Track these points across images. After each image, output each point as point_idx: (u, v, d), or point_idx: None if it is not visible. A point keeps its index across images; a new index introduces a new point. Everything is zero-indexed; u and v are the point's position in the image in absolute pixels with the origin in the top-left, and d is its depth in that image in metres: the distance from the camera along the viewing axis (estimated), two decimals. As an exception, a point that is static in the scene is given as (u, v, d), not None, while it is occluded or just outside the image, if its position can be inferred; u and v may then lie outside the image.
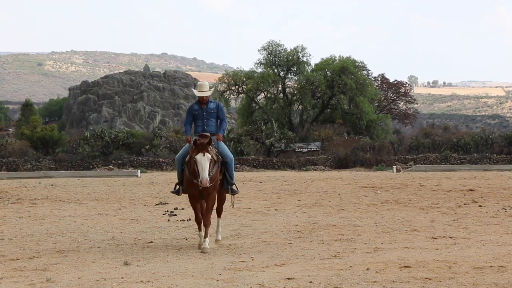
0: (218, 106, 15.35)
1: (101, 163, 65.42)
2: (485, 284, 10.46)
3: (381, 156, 67.11)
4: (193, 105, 15.41)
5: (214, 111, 15.23)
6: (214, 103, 15.35)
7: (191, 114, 15.26)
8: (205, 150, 14.15)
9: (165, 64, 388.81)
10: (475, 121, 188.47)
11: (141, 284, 10.95)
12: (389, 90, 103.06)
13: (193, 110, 15.29)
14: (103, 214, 23.19)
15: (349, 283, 10.67)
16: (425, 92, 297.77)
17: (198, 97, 15.22)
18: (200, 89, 15.23)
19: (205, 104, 15.20)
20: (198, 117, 15.16)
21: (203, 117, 15.11)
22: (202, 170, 14.03)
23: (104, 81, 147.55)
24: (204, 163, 14.04)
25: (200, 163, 14.06)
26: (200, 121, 15.14)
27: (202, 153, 14.11)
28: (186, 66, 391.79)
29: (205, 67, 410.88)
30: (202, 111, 15.15)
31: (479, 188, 32.05)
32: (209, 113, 15.16)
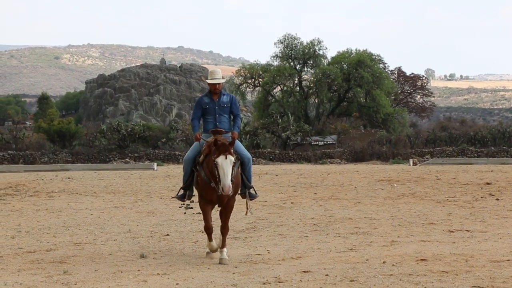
0: (232, 99, 13.29)
1: (117, 156, 65.56)
2: (502, 277, 10.43)
3: (397, 150, 66.92)
4: (203, 97, 13.29)
5: (227, 105, 13.11)
6: (228, 96, 13.29)
7: (200, 108, 13.11)
8: (228, 152, 12.09)
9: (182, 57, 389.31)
10: (492, 114, 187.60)
11: (158, 277, 10.98)
12: (405, 83, 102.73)
13: (203, 103, 13.12)
14: (120, 207, 23.26)
15: (365, 276, 10.66)
16: (442, 86, 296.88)
17: (210, 88, 13.18)
18: (212, 76, 13.15)
19: (217, 96, 13.11)
20: (209, 112, 13.04)
21: (214, 112, 13.01)
22: (224, 175, 11.93)
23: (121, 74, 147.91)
24: (226, 168, 11.97)
25: (221, 168, 11.95)
26: (211, 117, 13.04)
27: (224, 156, 12.03)
28: (203, 59, 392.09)
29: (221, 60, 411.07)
30: (214, 105, 13.04)
31: (496, 182, 31.91)
32: (222, 108, 13.05)
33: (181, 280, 10.65)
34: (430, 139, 72.44)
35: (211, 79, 13.13)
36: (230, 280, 10.67)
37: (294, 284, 10.15)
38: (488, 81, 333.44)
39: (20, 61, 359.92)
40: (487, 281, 10.15)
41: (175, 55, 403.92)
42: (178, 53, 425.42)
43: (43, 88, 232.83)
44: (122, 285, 10.31)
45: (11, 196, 27.94)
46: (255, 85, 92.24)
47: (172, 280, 10.71)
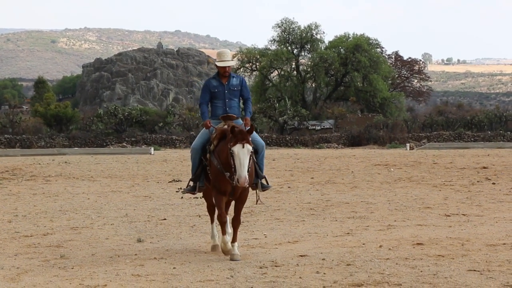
0: (242, 81, 12.25)
1: (114, 140, 65.57)
2: (498, 261, 10.45)
3: (394, 134, 67.00)
4: (211, 80, 12.19)
5: (237, 88, 12.07)
6: (238, 78, 12.24)
7: (208, 92, 12.00)
8: (245, 140, 10.94)
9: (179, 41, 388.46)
10: (489, 99, 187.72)
11: (155, 261, 11.00)
12: (403, 68, 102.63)
13: (211, 86, 12.02)
14: (117, 191, 23.27)
15: (362, 260, 10.68)
16: (439, 70, 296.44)
17: (218, 70, 12.08)
18: (221, 58, 12.06)
19: (226, 79, 12.04)
20: (218, 96, 11.97)
21: (224, 96, 11.94)
22: (240, 166, 10.83)
23: (118, 58, 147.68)
24: (243, 158, 10.86)
25: (238, 157, 10.84)
26: (220, 101, 11.97)
27: (241, 144, 10.88)
28: (200, 43, 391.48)
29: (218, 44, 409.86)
30: (223, 88, 11.95)
31: (493, 166, 31.96)
32: (232, 91, 12.00)
33: (178, 264, 10.67)
34: (427, 123, 72.54)
35: (220, 61, 12.05)
36: (227, 264, 10.69)
37: (290, 268, 10.17)
38: (485, 65, 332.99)
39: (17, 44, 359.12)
40: (483, 265, 10.18)
41: (172, 39, 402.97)
42: (175, 37, 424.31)
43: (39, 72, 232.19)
44: (119, 269, 10.33)
45: (8, 180, 27.94)
46: (252, 69, 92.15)
47: (169, 264, 10.73)
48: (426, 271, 9.81)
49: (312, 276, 9.63)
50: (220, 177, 11.32)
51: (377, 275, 9.64)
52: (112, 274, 10.02)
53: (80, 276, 9.92)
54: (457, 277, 9.45)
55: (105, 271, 10.25)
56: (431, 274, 9.61)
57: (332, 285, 9.15)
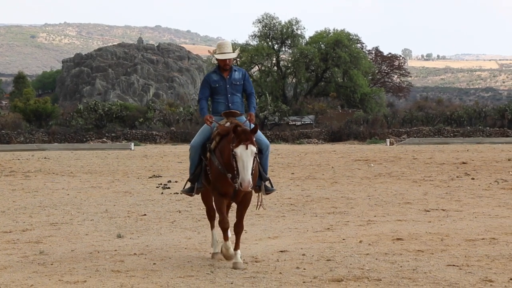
0: (245, 75, 11.32)
1: (94, 136, 65.41)
2: (477, 256, 10.51)
3: (374, 129, 67.18)
4: (211, 74, 11.25)
5: (240, 82, 11.16)
6: (240, 72, 11.30)
7: (208, 87, 11.09)
8: (249, 141, 9.97)
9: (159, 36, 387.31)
10: (468, 94, 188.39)
11: (134, 257, 10.97)
12: (383, 63, 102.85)
13: (211, 81, 11.09)
14: (97, 187, 23.20)
15: (342, 255, 10.71)
16: (419, 65, 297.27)
17: (218, 64, 11.20)
18: (221, 50, 11.13)
19: (227, 72, 11.14)
20: (219, 91, 11.07)
21: (226, 91, 11.04)
22: (243, 169, 9.85)
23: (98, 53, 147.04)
24: (246, 160, 9.88)
25: (241, 160, 9.87)
26: (221, 97, 11.06)
27: (244, 145, 9.92)
28: (180, 39, 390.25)
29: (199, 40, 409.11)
30: (225, 83, 11.05)
31: (472, 161, 32.12)
32: (234, 86, 11.10)
33: (158, 260, 10.65)
34: (407, 119, 72.79)
35: (220, 53, 11.11)
36: (207, 260, 10.69)
37: (271, 263, 10.18)
38: (464, 61, 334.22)
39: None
40: (462, 260, 10.24)
41: (152, 35, 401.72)
42: (156, 33, 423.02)
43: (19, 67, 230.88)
44: (98, 265, 10.30)
45: (-13, 176, 27.80)
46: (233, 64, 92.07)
47: (149, 260, 10.72)
48: (406, 266, 9.85)
49: (292, 271, 9.64)
50: (221, 178, 10.36)
51: (357, 270, 9.67)
52: (92, 270, 9.99)
53: (59, 272, 9.89)
54: (437, 272, 9.50)
55: (84, 267, 10.22)
56: (410, 269, 9.66)
57: (312, 280, 9.17)
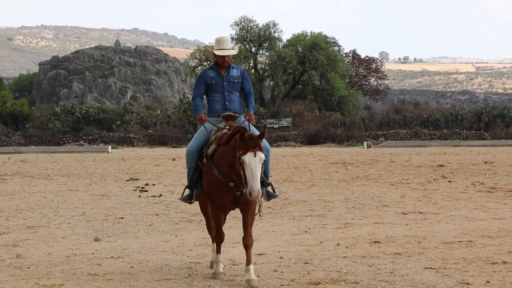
0: (243, 73, 10.62)
1: (71, 138, 65.19)
2: (454, 258, 10.55)
3: (352, 132, 67.37)
4: (207, 71, 10.59)
5: (238, 80, 10.49)
6: (238, 69, 10.60)
7: (203, 84, 10.42)
8: (257, 147, 9.20)
9: (136, 39, 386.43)
10: (445, 97, 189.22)
11: (112, 260, 10.93)
12: (360, 66, 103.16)
13: (207, 78, 10.43)
14: (74, 190, 23.10)
15: (319, 258, 10.72)
16: (396, 68, 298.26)
17: (216, 60, 10.54)
18: (220, 46, 10.46)
19: (225, 69, 10.47)
20: (216, 89, 10.39)
21: (222, 89, 10.37)
22: (252, 177, 9.06)
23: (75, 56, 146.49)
24: (255, 168, 9.11)
25: (250, 168, 9.08)
26: (218, 95, 10.39)
27: (253, 153, 9.14)
28: (157, 41, 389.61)
29: (176, 42, 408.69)
30: (222, 80, 10.39)
31: (449, 164, 32.27)
32: (232, 83, 10.44)
33: (135, 264, 10.62)
34: (384, 121, 73.04)
35: (219, 49, 10.44)
36: (185, 263, 10.67)
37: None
38: (441, 64, 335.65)
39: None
40: (439, 262, 10.27)
41: (129, 37, 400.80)
42: (133, 35, 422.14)
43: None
44: (75, 269, 10.25)
45: (-37, 179, 27.62)
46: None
47: (127, 263, 10.68)
48: (383, 269, 9.88)
49: (270, 274, 9.64)
50: (219, 187, 9.60)
51: (335, 273, 9.69)
52: (69, 273, 9.95)
53: (36, 275, 9.84)
54: (414, 275, 9.53)
55: (61, 270, 10.18)
56: (388, 272, 9.68)
57: (290, 283, 9.17)
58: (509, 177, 25.30)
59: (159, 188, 22.80)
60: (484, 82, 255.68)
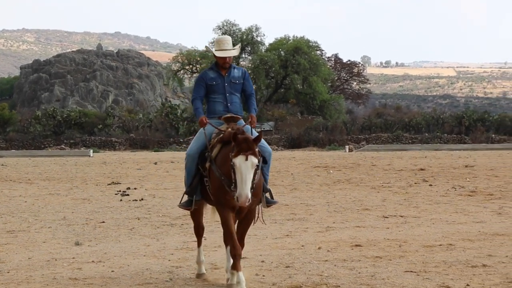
0: (245, 74, 10.25)
1: (53, 142, 64.94)
2: (434, 262, 10.59)
3: (333, 136, 67.47)
4: (207, 72, 10.15)
5: (239, 81, 10.12)
6: (239, 70, 10.21)
7: (203, 85, 10.02)
8: (250, 151, 8.79)
9: (118, 43, 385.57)
10: (426, 101, 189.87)
11: (93, 264, 10.91)
12: (342, 70, 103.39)
13: (207, 79, 10.02)
14: (55, 194, 23.02)
15: (300, 262, 10.73)
16: (377, 72, 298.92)
17: (216, 61, 10.09)
18: (220, 46, 10.00)
19: (226, 71, 10.05)
20: (216, 90, 10.00)
21: (224, 90, 9.99)
22: (241, 182, 8.70)
23: (56, 60, 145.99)
24: (245, 172, 8.71)
25: (239, 172, 8.72)
26: (219, 96, 10.01)
27: (244, 156, 8.73)
28: (140, 45, 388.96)
29: (159, 46, 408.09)
30: (223, 81, 9.99)
31: (430, 168, 32.37)
32: (233, 84, 10.06)
33: (116, 268, 10.60)
34: (365, 125, 73.21)
35: (219, 50, 9.98)
36: (166, 267, 10.65)
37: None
38: (422, 68, 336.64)
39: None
40: (419, 266, 10.31)
41: (112, 41, 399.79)
42: (115, 39, 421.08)
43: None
44: (56, 273, 10.22)
45: None
46: (192, 71, 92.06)
47: (107, 267, 10.66)
48: (364, 273, 9.90)
49: (251, 278, 9.64)
50: (224, 190, 9.19)
51: (316, 277, 9.70)
52: (49, 278, 9.91)
53: (16, 280, 9.80)
54: (394, 278, 9.56)
55: (42, 275, 10.14)
56: (369, 276, 9.70)
57: (271, 287, 9.18)
58: (490, 181, 25.41)
59: (141, 192, 22.76)
60: (465, 86, 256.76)
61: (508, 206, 18.07)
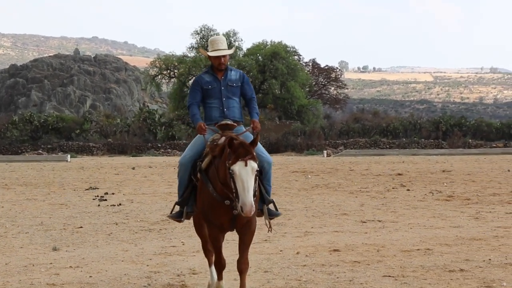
0: (243, 77, 9.67)
1: (30, 147, 64.57)
2: (412, 266, 10.63)
3: (312, 141, 67.55)
4: (202, 76, 9.56)
5: (237, 84, 9.52)
6: (237, 72, 9.63)
7: (199, 90, 9.43)
8: (249, 155, 8.15)
9: (96, 48, 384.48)
10: (404, 106, 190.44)
11: (70, 270, 10.86)
12: (320, 75, 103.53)
13: (203, 82, 9.45)
14: (32, 199, 22.90)
15: (279, 267, 10.74)
16: (355, 77, 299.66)
17: (211, 63, 9.52)
18: (214, 47, 9.42)
19: (222, 73, 9.47)
20: (212, 94, 9.40)
21: (220, 94, 9.40)
22: (244, 190, 7.97)
23: (33, 64, 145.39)
24: (246, 179, 8.03)
25: (240, 179, 8.02)
26: (215, 100, 9.41)
27: (243, 162, 8.07)
28: (117, 50, 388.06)
29: (136, 51, 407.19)
30: (219, 84, 9.40)
31: (407, 173, 32.49)
32: (230, 88, 9.47)
33: (94, 273, 10.56)
34: (343, 130, 73.36)
35: (213, 50, 9.39)
36: (144, 272, 10.63)
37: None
38: (400, 73, 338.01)
39: None
40: (397, 270, 10.35)
41: (89, 46, 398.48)
42: (93, 44, 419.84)
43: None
44: (33, 279, 10.17)
45: None
46: (170, 76, 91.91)
47: (85, 273, 10.62)
48: (342, 277, 9.92)
49: (230, 283, 9.64)
50: (215, 206, 8.55)
51: (294, 281, 9.71)
52: (27, 283, 9.87)
53: (-7, 286, 9.75)
54: (373, 283, 9.59)
55: (19, 280, 10.09)
56: (347, 280, 9.73)
57: (250, 292, 9.17)
58: (467, 186, 25.54)
59: (119, 197, 22.68)
60: (442, 91, 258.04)
61: (485, 210, 18.17)
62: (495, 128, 72.44)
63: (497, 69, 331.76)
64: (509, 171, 32.58)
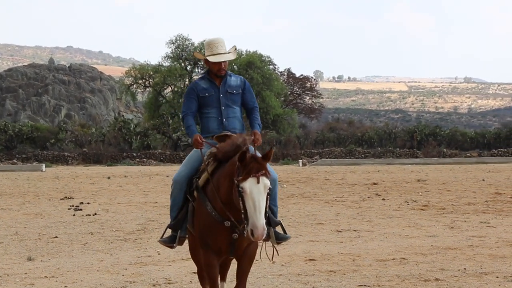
0: (244, 83, 8.58)
1: (4, 157, 64.22)
2: (388, 276, 10.67)
3: (287, 150, 67.69)
4: (198, 82, 8.53)
5: (237, 91, 8.47)
6: (237, 78, 8.57)
7: (195, 98, 8.43)
8: (263, 171, 7.10)
9: (71, 57, 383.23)
10: (379, 116, 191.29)
11: (45, 280, 10.81)
12: (295, 85, 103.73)
13: (199, 89, 8.44)
14: (6, 209, 22.75)
15: (255, 276, 10.74)
16: (330, 87, 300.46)
17: (209, 68, 8.54)
18: (213, 51, 8.41)
19: (221, 79, 8.46)
20: (210, 103, 8.38)
21: (219, 103, 8.37)
22: (255, 211, 6.92)
23: (8, 74, 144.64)
24: (259, 198, 6.97)
25: (251, 198, 6.95)
26: (213, 110, 8.38)
27: (255, 178, 7.01)
28: (92, 59, 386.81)
29: (111, 60, 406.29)
30: (217, 92, 8.39)
31: (383, 182, 32.61)
32: (230, 95, 8.43)
33: (69, 283, 10.52)
34: (319, 140, 73.58)
35: (212, 54, 8.40)
36: (120, 282, 10.60)
37: (184, 285, 10.16)
38: (374, 82, 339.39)
39: None
40: (373, 280, 10.38)
41: (64, 55, 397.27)
42: (67, 53, 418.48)
43: None
44: (8, 289, 10.12)
45: None
46: (145, 85, 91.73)
47: (60, 283, 10.57)
48: (318, 287, 9.94)
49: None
50: (214, 228, 7.56)
51: (270, 291, 9.72)
52: (2, 294, 9.82)
53: (-32, 296, 9.69)
54: (348, 291, 9.61)
55: (-6, 291, 10.04)
56: (323, 289, 9.74)
57: (226, 301, 9.17)
58: (442, 195, 25.66)
59: (94, 207, 22.59)
60: (416, 101, 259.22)
61: (460, 220, 18.26)
62: (470, 137, 72.96)
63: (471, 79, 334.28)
64: (483, 181, 32.78)
